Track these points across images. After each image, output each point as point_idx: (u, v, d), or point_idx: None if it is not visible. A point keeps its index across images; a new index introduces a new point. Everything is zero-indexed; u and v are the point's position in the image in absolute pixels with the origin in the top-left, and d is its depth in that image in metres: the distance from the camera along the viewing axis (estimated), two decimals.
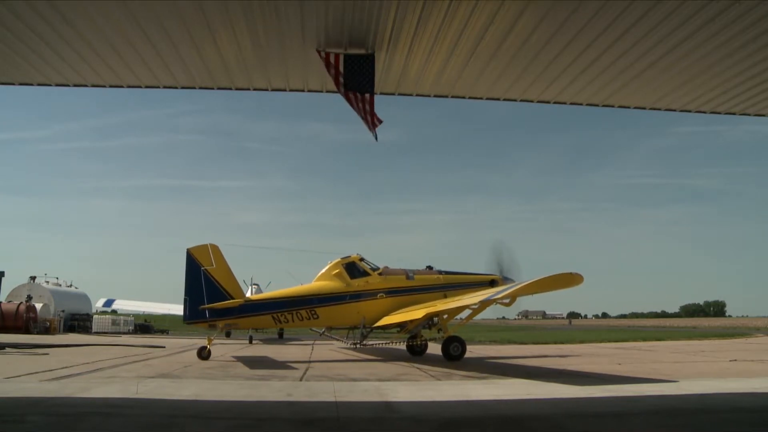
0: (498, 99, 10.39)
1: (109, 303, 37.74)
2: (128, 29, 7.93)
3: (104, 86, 9.81)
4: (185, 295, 17.43)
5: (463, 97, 10.32)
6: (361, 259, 19.30)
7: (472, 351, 22.84)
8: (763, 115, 10.83)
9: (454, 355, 17.09)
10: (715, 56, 8.60)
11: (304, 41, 8.29)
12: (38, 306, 37.04)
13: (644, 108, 10.71)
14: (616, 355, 20.13)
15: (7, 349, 19.52)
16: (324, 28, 7.99)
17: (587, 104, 10.43)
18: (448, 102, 10.60)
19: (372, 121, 9.02)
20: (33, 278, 41.67)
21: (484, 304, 16.60)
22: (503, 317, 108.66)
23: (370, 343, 20.01)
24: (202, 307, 17.17)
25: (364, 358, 19.81)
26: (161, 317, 45.38)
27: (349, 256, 19.26)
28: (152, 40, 8.25)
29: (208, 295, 17.26)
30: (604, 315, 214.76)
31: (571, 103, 10.45)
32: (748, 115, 10.74)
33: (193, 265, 17.47)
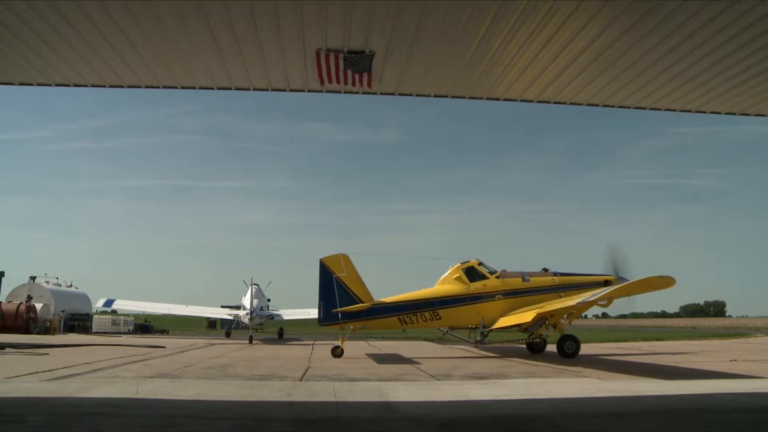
0: (498, 99, 10.39)
1: (109, 303, 37.70)
2: (128, 29, 7.93)
3: (104, 86, 9.81)
4: (319, 300, 19.54)
5: (463, 97, 10.32)
6: (480, 264, 20.71)
7: (473, 350, 22.87)
8: (763, 115, 10.83)
9: (568, 353, 18.38)
10: (715, 56, 8.59)
11: (304, 41, 8.29)
12: (38, 306, 37.06)
13: (644, 108, 10.70)
14: (617, 356, 20.15)
15: (7, 349, 19.53)
16: (324, 28, 7.99)
17: (587, 104, 10.43)
18: (448, 102, 10.61)
19: (364, 79, 9.09)
20: (33, 278, 41.68)
21: (585, 304, 18.10)
22: None
23: (491, 342, 21.58)
24: (335, 310, 19.15)
25: (365, 358, 19.82)
26: (161, 317, 45.38)
27: (468, 261, 20.73)
28: (152, 40, 8.24)
29: (340, 299, 19.28)
30: (604, 315, 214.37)
31: (571, 103, 10.45)
32: (748, 115, 10.74)
33: (326, 272, 19.55)
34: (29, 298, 37.13)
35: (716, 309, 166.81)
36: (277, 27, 7.88)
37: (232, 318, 36.05)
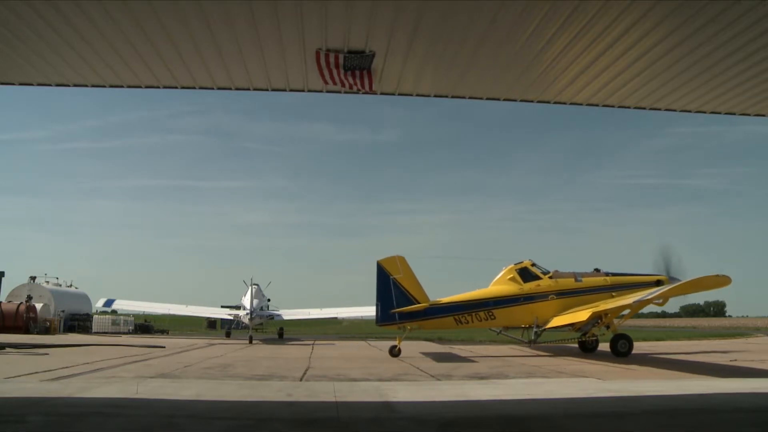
0: (498, 99, 10.39)
1: (109, 303, 37.71)
2: (128, 29, 7.92)
3: (104, 86, 9.80)
4: (377, 301, 19.99)
5: (463, 97, 10.31)
6: (533, 264, 21.20)
7: (473, 351, 22.87)
8: (763, 115, 10.82)
9: (621, 352, 18.79)
10: (715, 56, 8.59)
11: (304, 41, 8.28)
12: (38, 306, 37.05)
13: (644, 108, 10.70)
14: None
15: (7, 349, 19.52)
16: (324, 28, 7.99)
17: (587, 104, 10.43)
18: (448, 102, 10.61)
19: (366, 80, 9.12)
20: (33, 278, 41.67)
21: (640, 303, 18.44)
22: None
23: (544, 341, 21.97)
24: (393, 311, 19.61)
25: (364, 358, 19.82)
26: (161, 317, 45.40)
27: (522, 262, 21.25)
28: (152, 40, 8.24)
29: (397, 300, 19.78)
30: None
31: (571, 103, 10.45)
32: (748, 115, 10.73)
33: (383, 274, 20.01)
34: (29, 298, 37.11)
35: (716, 309, 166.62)
36: (277, 27, 7.88)
37: (232, 318, 36.05)
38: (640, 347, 24.14)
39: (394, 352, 19.65)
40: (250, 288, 33.05)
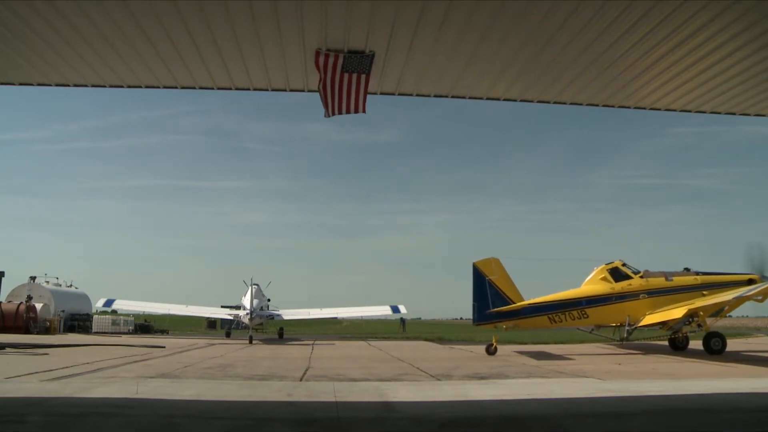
0: (498, 99, 10.38)
1: (109, 303, 37.66)
2: (128, 29, 7.92)
3: (104, 86, 9.80)
4: (473, 301, 20.79)
5: (463, 97, 10.30)
6: (624, 264, 21.72)
7: (473, 351, 22.87)
8: (763, 115, 10.82)
9: (715, 349, 18.93)
10: (715, 56, 8.59)
11: (304, 41, 8.28)
12: (38, 306, 37.02)
13: (644, 108, 10.70)
14: (616, 355, 20.14)
15: (7, 349, 19.51)
16: (324, 28, 7.98)
17: (587, 104, 10.42)
18: (448, 102, 10.60)
19: (360, 100, 9.14)
20: (33, 278, 41.61)
21: (739, 300, 18.65)
22: None
23: (634, 339, 22.40)
24: (490, 311, 20.38)
25: (364, 358, 19.81)
26: (161, 317, 45.37)
27: (612, 262, 21.83)
28: (152, 40, 8.24)
29: (493, 300, 20.55)
30: None
31: (571, 103, 10.44)
32: (748, 115, 10.73)
33: (479, 276, 20.83)
34: (29, 298, 37.08)
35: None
36: (277, 27, 7.88)
37: (232, 318, 36.02)
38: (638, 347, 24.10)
39: (491, 350, 20.23)
40: (250, 288, 33.04)
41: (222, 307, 40.13)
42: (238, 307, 36.06)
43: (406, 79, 9.51)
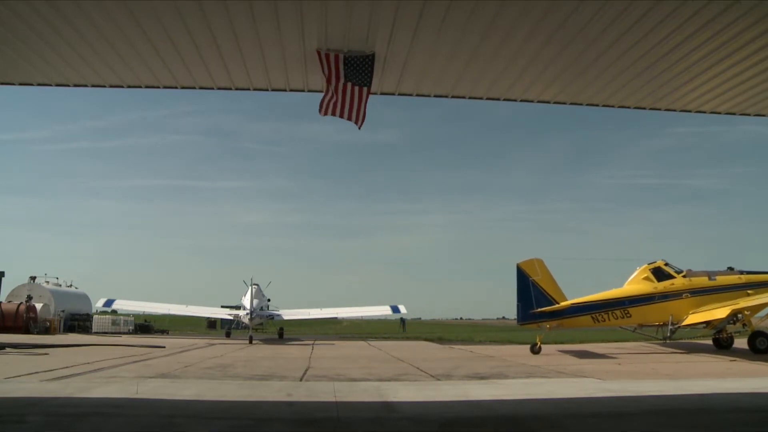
0: (498, 99, 10.38)
1: (109, 303, 37.65)
2: (128, 29, 7.92)
3: (104, 86, 9.80)
4: (517, 301, 21.11)
5: (463, 97, 10.30)
6: (666, 264, 21.87)
7: (473, 351, 22.87)
8: (763, 115, 10.82)
9: (760, 349, 18.94)
10: (715, 56, 8.59)
11: (304, 41, 8.29)
12: (38, 306, 36.99)
13: (644, 108, 10.70)
14: (617, 356, 20.13)
15: (7, 349, 19.51)
16: (324, 28, 7.98)
17: (587, 104, 10.42)
18: (448, 102, 10.60)
19: (360, 114, 9.16)
20: (33, 278, 41.60)
21: None
22: (503, 317, 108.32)
23: (678, 338, 22.71)
24: (534, 311, 20.66)
25: (364, 358, 19.81)
26: (161, 317, 45.36)
27: (655, 262, 21.95)
28: (152, 40, 8.24)
29: (536, 300, 20.81)
30: None
31: (571, 103, 10.44)
32: (748, 115, 10.73)
33: (523, 276, 21.15)
34: (29, 298, 37.06)
35: None
36: (277, 27, 7.88)
37: (232, 318, 36.02)
38: (639, 347, 24.10)
39: (535, 349, 20.46)
40: (250, 288, 33.03)
41: (222, 307, 40.14)
42: (238, 307, 36.06)
43: (406, 79, 9.51)
